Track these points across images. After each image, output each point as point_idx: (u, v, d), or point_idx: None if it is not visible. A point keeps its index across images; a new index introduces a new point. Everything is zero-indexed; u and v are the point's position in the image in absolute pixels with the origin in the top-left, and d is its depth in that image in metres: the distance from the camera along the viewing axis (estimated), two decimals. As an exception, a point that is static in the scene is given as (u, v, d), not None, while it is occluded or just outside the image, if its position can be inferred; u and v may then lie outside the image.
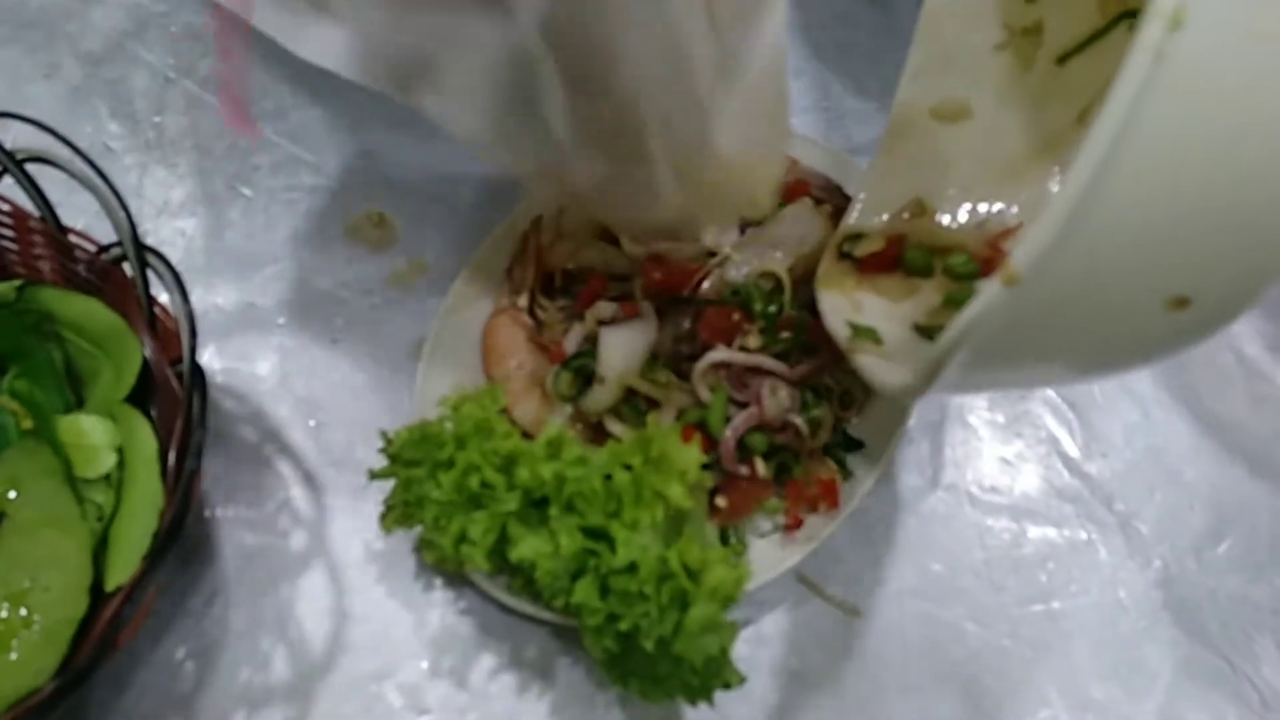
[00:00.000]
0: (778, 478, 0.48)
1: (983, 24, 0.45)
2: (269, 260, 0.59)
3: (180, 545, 0.50)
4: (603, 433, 0.48)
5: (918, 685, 0.48)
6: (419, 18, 0.36)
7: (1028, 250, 0.26)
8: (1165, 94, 0.25)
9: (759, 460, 0.47)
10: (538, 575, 0.42)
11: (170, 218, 0.60)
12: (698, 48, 0.37)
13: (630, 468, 0.42)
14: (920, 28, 0.46)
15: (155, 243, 0.58)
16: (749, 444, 0.47)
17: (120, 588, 0.40)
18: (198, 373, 0.41)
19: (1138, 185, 0.26)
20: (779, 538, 0.48)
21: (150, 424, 0.44)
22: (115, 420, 0.45)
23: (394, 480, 0.46)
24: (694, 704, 0.42)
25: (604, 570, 0.41)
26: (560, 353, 0.50)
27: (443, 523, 0.44)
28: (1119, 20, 0.42)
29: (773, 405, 0.46)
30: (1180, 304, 0.28)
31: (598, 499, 0.42)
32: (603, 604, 0.40)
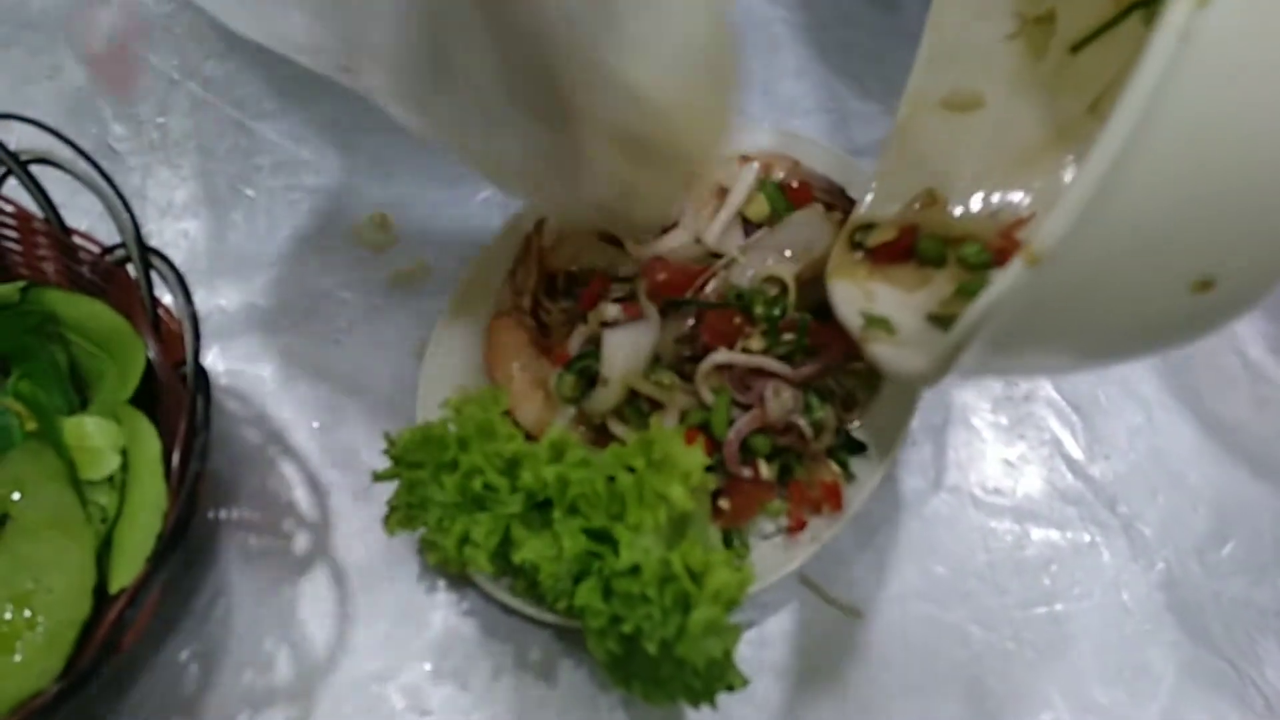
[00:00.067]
0: (780, 480, 0.48)
1: (994, 13, 0.45)
2: (272, 262, 0.59)
3: (183, 547, 0.50)
4: (606, 434, 0.48)
5: (920, 688, 0.48)
6: None
7: (1051, 229, 0.26)
8: (1191, 72, 0.24)
9: (762, 462, 0.47)
10: (540, 577, 0.42)
11: (174, 219, 0.60)
12: None
13: (633, 470, 0.42)
14: (931, 17, 0.46)
15: (159, 244, 0.58)
16: (752, 446, 0.47)
17: (124, 590, 0.40)
18: (201, 374, 0.41)
19: (1163, 164, 0.26)
20: (782, 540, 0.48)
21: (154, 426, 0.44)
22: (119, 422, 0.45)
23: (397, 482, 0.47)
24: (697, 706, 0.42)
25: (607, 572, 0.41)
26: (563, 354, 0.50)
27: (446, 524, 0.44)
28: (1132, 9, 0.41)
29: (776, 407, 0.46)
30: (1204, 286, 0.28)
31: (601, 501, 0.42)
32: (605, 606, 0.40)
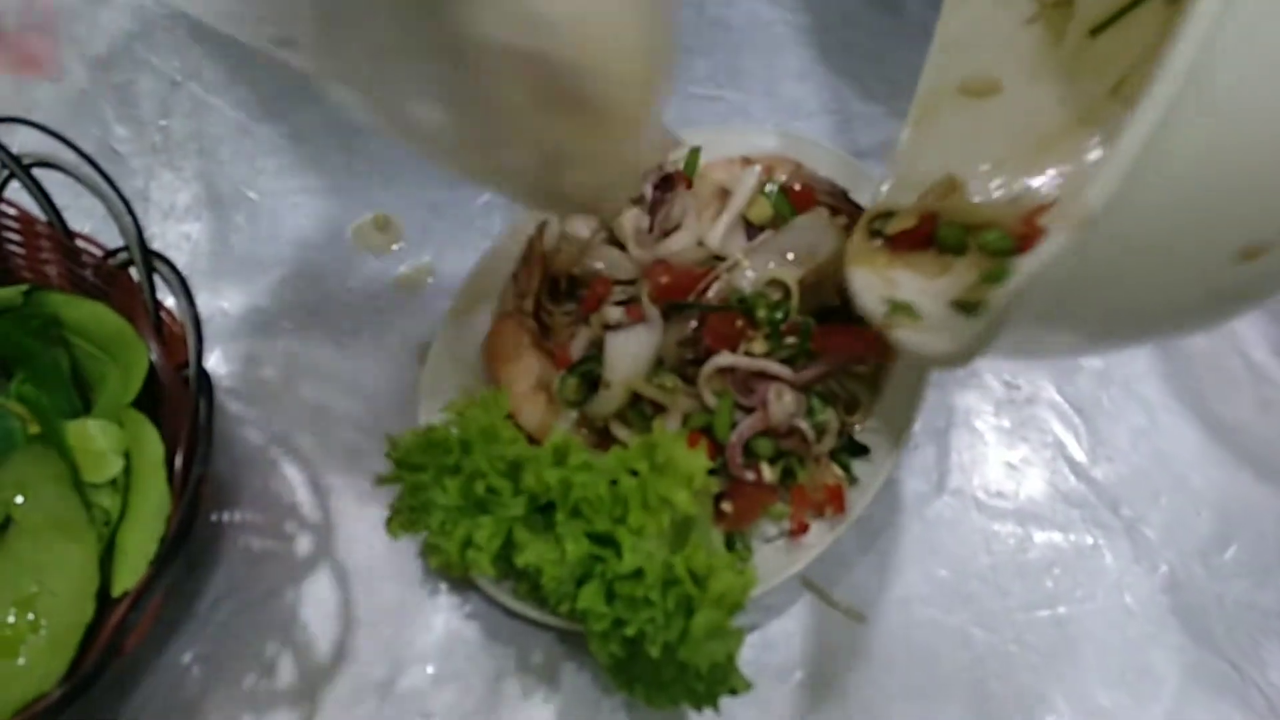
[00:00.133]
0: (783, 483, 0.48)
1: None
2: (275, 264, 0.59)
3: (186, 550, 0.49)
4: (608, 438, 0.48)
5: (923, 691, 0.48)
6: None
7: (1101, 189, 0.25)
8: (1239, 27, 0.24)
9: (765, 465, 0.47)
10: (543, 581, 0.42)
11: (176, 221, 0.60)
12: None
13: (636, 473, 0.42)
14: (947, 3, 0.45)
15: (161, 246, 0.58)
16: (755, 449, 0.47)
17: (127, 593, 0.40)
18: (204, 377, 0.41)
19: (1216, 119, 0.25)
20: (784, 543, 0.48)
21: (156, 429, 0.44)
22: (122, 425, 0.45)
23: (400, 485, 0.47)
24: (700, 710, 0.42)
25: (610, 576, 0.41)
26: (566, 357, 0.50)
27: (448, 528, 0.44)
28: (1154, -9, 0.40)
29: (779, 410, 0.46)
30: (1252, 253, 0.27)
31: (604, 504, 0.42)
32: (608, 609, 0.40)
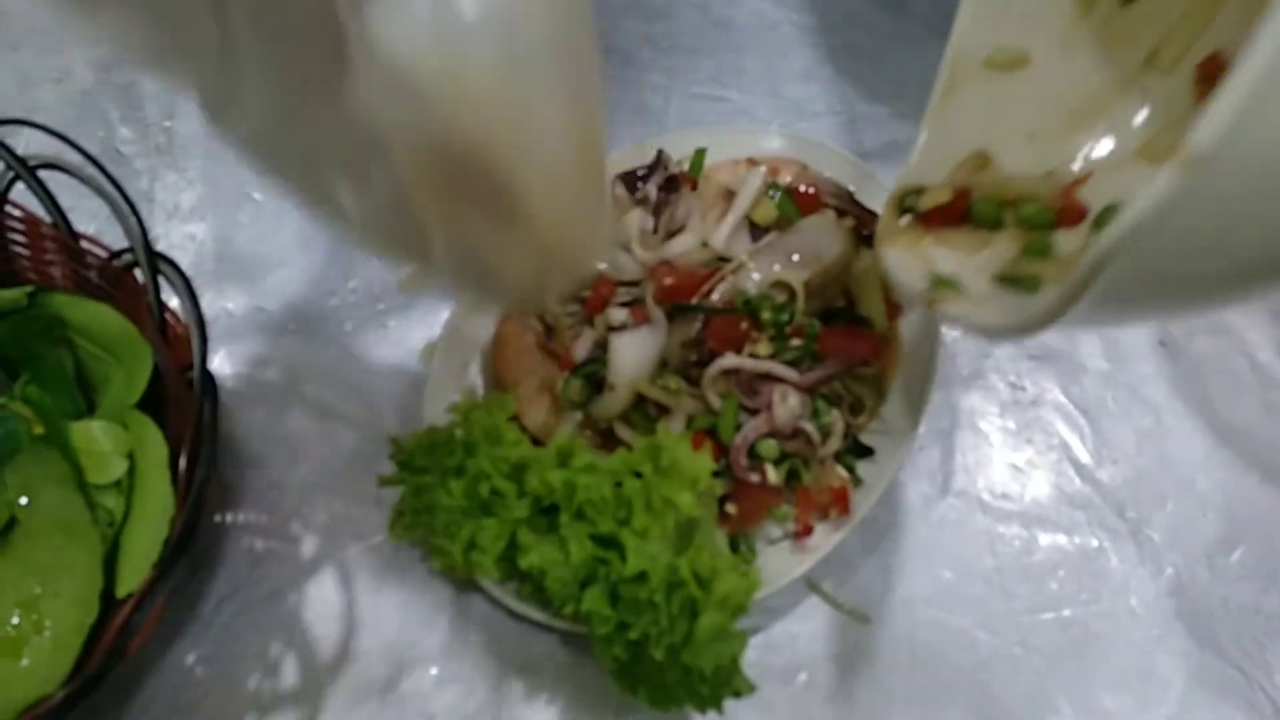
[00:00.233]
0: (788, 485, 0.48)
1: None
2: (279, 265, 0.59)
3: (190, 551, 0.50)
4: (613, 439, 0.48)
5: (927, 693, 0.48)
6: None
7: (1211, 128, 0.24)
8: None
9: (769, 467, 0.47)
10: (547, 583, 0.42)
11: (180, 222, 0.60)
12: None
13: (640, 475, 0.42)
14: None
15: (165, 247, 0.58)
16: (760, 451, 0.47)
17: (131, 594, 0.40)
18: (208, 379, 0.41)
19: None
20: (789, 545, 0.48)
21: (161, 430, 0.44)
22: (126, 426, 0.45)
23: (403, 487, 0.47)
24: (703, 712, 0.42)
25: (614, 578, 0.41)
26: (570, 359, 0.50)
27: (452, 530, 0.44)
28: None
29: (783, 412, 0.46)
30: None
31: (608, 507, 0.42)
32: (612, 612, 0.40)
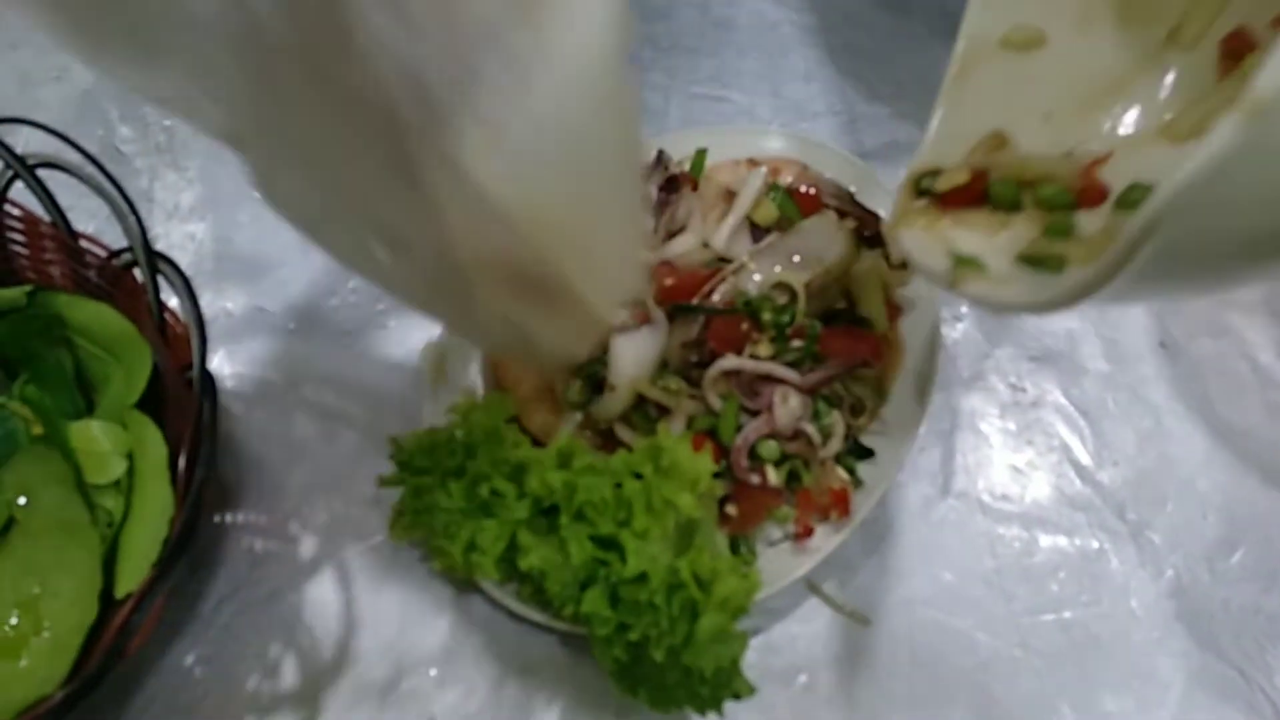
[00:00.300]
0: (788, 486, 0.48)
1: None
2: (279, 264, 0.59)
3: (189, 551, 0.50)
4: (613, 440, 0.48)
5: (927, 695, 0.48)
6: None
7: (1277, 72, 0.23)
8: None
9: (770, 468, 0.47)
10: (547, 584, 0.42)
11: (180, 222, 0.60)
12: (477, 10, 0.25)
13: (640, 476, 0.42)
14: None
15: (165, 247, 0.58)
16: (760, 452, 0.46)
17: (130, 595, 0.40)
18: (207, 379, 0.41)
19: None
20: (789, 546, 0.48)
21: (160, 430, 0.44)
22: (125, 426, 0.45)
23: (403, 487, 0.46)
24: (703, 714, 0.42)
25: (614, 580, 0.41)
26: (570, 359, 0.50)
27: (452, 530, 0.44)
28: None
29: (784, 413, 0.46)
30: None
31: (608, 508, 0.42)
32: (612, 614, 0.40)
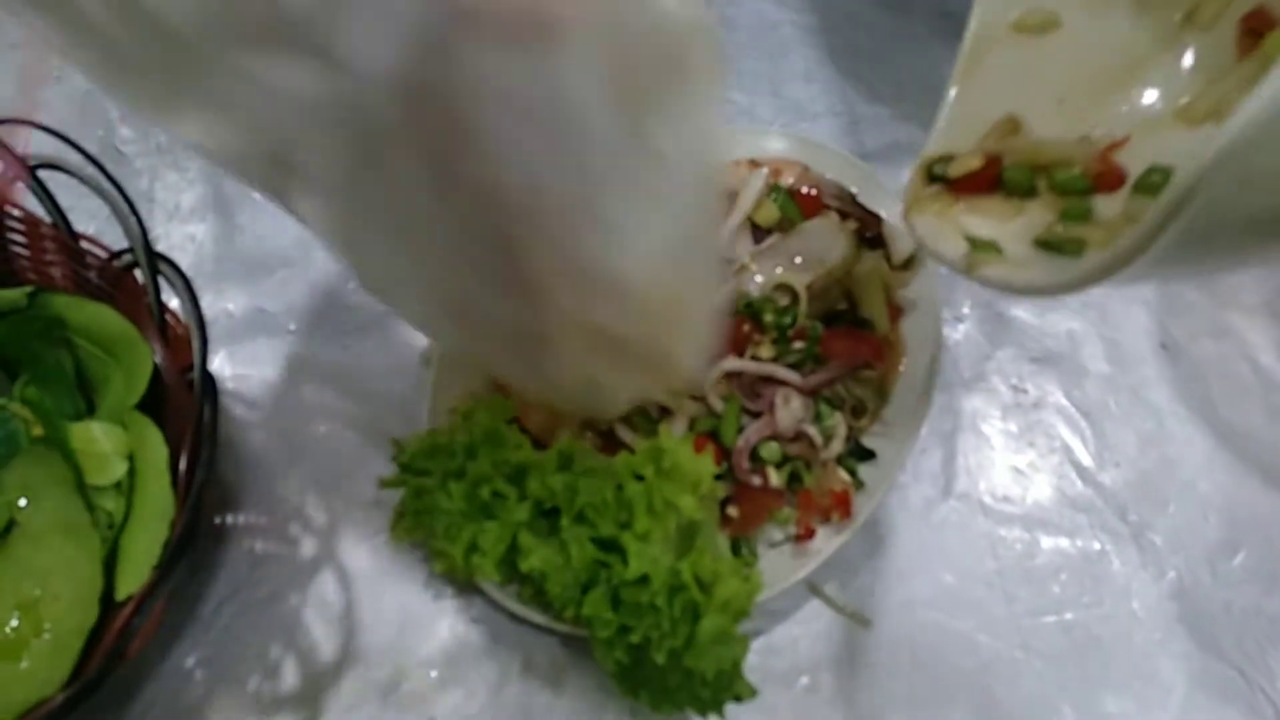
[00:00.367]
0: (790, 488, 0.47)
1: None
2: (280, 265, 0.58)
3: (190, 553, 0.49)
4: (614, 442, 0.48)
5: (929, 697, 0.48)
6: (241, 63, 0.27)
7: None
8: None
9: (772, 470, 0.47)
10: (548, 586, 0.41)
11: (181, 222, 0.60)
12: (603, 138, 0.28)
13: (642, 478, 0.42)
14: None
15: (166, 247, 0.58)
16: (762, 454, 0.46)
17: (131, 597, 0.40)
18: (208, 380, 0.41)
19: None
20: (790, 548, 0.48)
21: (160, 432, 0.44)
22: (126, 427, 0.45)
23: (404, 489, 0.46)
24: (705, 716, 0.42)
25: (615, 582, 0.41)
26: (571, 360, 0.49)
27: (453, 532, 0.44)
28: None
29: (786, 415, 0.46)
30: None
31: (609, 510, 0.42)
32: (614, 616, 0.40)
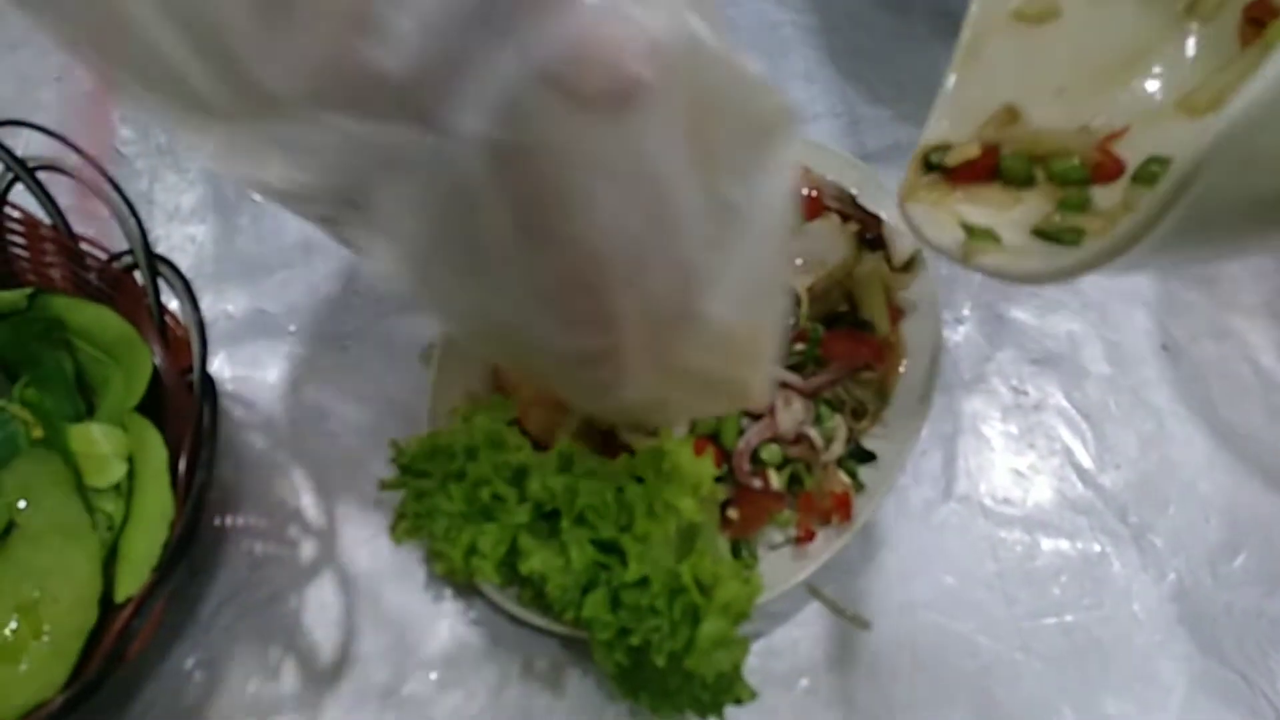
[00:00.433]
0: (790, 490, 0.48)
1: None
2: (280, 266, 0.58)
3: (189, 555, 0.49)
4: (614, 444, 0.48)
5: (929, 699, 0.48)
6: (336, 122, 0.28)
7: None
8: None
9: (772, 472, 0.47)
10: (548, 588, 0.41)
11: (181, 224, 0.60)
12: (684, 196, 0.30)
13: (642, 480, 0.42)
14: None
15: (166, 249, 0.58)
16: (762, 456, 0.46)
17: (130, 599, 0.40)
18: (208, 382, 0.41)
19: None
20: (790, 550, 0.48)
21: (160, 433, 0.44)
22: (125, 429, 0.45)
23: (404, 491, 0.46)
24: (704, 719, 0.42)
25: (615, 584, 0.40)
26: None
27: (453, 534, 0.44)
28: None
29: (787, 417, 0.46)
30: None
31: (609, 512, 0.41)
32: (613, 618, 0.40)
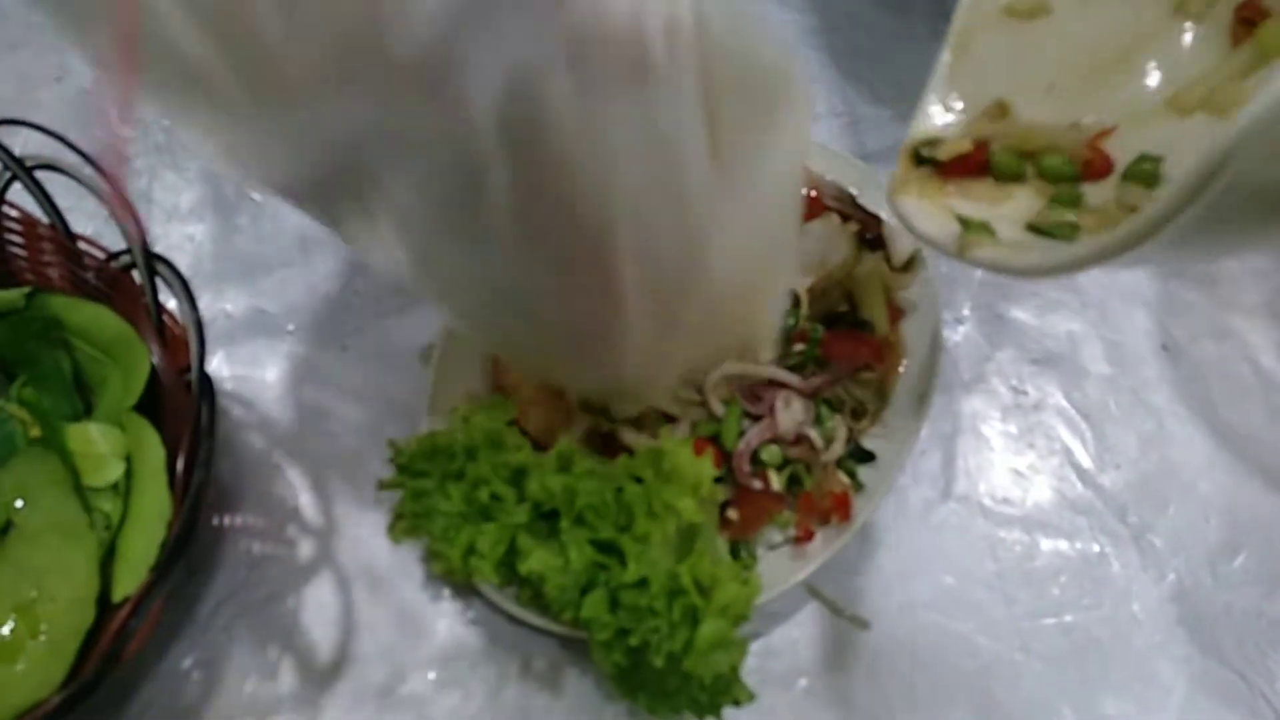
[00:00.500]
0: (789, 490, 0.47)
1: None
2: (278, 265, 0.58)
3: (187, 554, 0.49)
4: (614, 445, 0.48)
5: (928, 699, 0.48)
6: (349, 104, 0.29)
7: None
8: None
9: (772, 473, 0.47)
10: (547, 589, 0.41)
11: (179, 223, 0.60)
12: (692, 164, 0.31)
13: (641, 481, 0.42)
14: None
15: (164, 248, 0.58)
16: (762, 457, 0.46)
17: (128, 598, 0.40)
18: (206, 381, 0.41)
19: None
20: (790, 550, 0.48)
21: (158, 433, 0.44)
22: (123, 428, 0.45)
23: (402, 490, 0.46)
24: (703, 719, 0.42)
25: (614, 584, 0.40)
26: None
27: (451, 534, 0.44)
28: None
29: (787, 418, 0.46)
30: None
31: (608, 512, 0.41)
32: (612, 618, 0.40)
